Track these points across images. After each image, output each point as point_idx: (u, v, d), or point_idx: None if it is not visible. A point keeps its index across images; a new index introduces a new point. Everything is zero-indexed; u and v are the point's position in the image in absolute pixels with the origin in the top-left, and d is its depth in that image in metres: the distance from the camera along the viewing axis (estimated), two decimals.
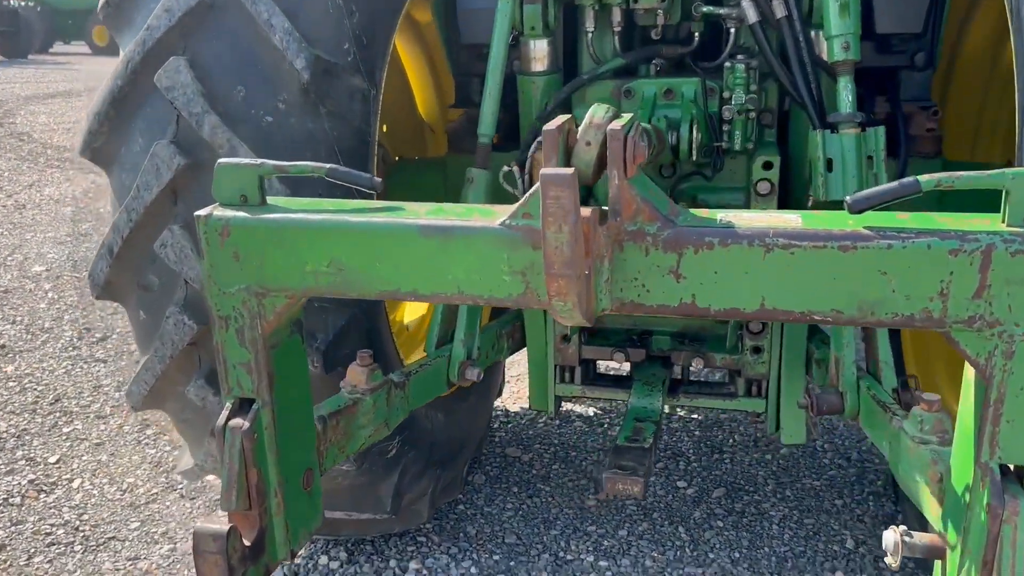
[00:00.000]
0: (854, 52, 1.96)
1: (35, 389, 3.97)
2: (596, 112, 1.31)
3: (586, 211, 1.19)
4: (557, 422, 3.66)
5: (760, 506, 3.01)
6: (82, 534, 2.88)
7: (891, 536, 1.43)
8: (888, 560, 1.45)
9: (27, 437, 3.53)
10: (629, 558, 2.74)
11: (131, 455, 3.39)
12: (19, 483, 3.17)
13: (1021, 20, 1.64)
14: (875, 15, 2.24)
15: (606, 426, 3.62)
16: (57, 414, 3.73)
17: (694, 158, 2.17)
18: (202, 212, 1.40)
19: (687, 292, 1.24)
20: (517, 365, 4.17)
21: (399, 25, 2.22)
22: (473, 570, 2.69)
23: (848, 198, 1.17)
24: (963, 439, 1.29)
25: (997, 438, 1.18)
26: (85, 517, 2.98)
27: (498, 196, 2.29)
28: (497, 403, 3.70)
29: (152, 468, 3.30)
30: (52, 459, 3.35)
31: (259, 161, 1.41)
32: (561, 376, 2.57)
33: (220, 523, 1.43)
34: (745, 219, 1.24)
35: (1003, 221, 1.14)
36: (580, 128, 1.31)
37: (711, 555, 2.74)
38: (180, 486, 3.16)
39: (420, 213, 1.36)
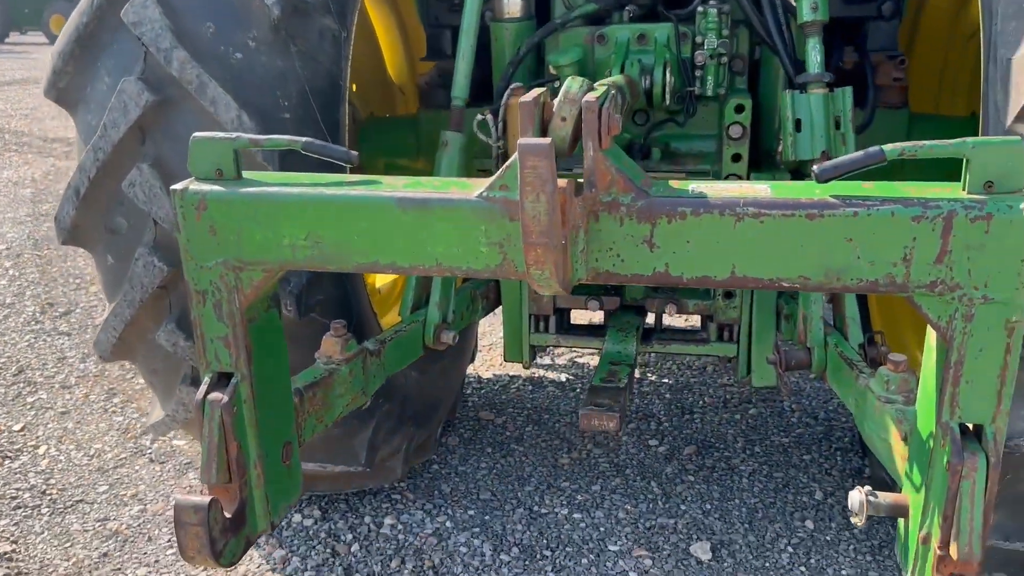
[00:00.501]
0: (822, 13, 1.98)
1: None
2: (571, 86, 1.32)
3: (562, 182, 1.20)
4: (530, 387, 3.67)
5: (730, 462, 3.04)
6: (49, 497, 2.83)
7: (856, 496, 1.45)
8: (854, 520, 1.47)
9: None
10: (603, 511, 2.75)
11: (98, 423, 3.34)
12: None
13: None
14: None
15: (578, 391, 3.63)
16: (21, 384, 3.66)
17: (667, 103, 2.19)
18: (178, 186, 1.39)
19: (660, 261, 1.26)
20: (489, 335, 4.18)
21: None
22: (448, 524, 2.69)
23: (815, 168, 1.19)
24: (925, 399, 1.32)
25: (957, 398, 1.22)
26: (52, 481, 2.92)
27: (471, 162, 2.29)
28: (470, 370, 3.70)
29: (120, 435, 3.24)
30: (16, 427, 3.29)
31: (234, 135, 1.40)
32: (536, 326, 2.57)
33: (201, 496, 1.42)
34: (716, 189, 1.26)
35: (964, 188, 1.17)
36: (556, 102, 1.30)
37: (683, 507, 2.77)
38: (149, 451, 3.12)
39: (397, 186, 1.36)
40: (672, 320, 3.19)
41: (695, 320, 3.40)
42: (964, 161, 1.16)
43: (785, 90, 2.04)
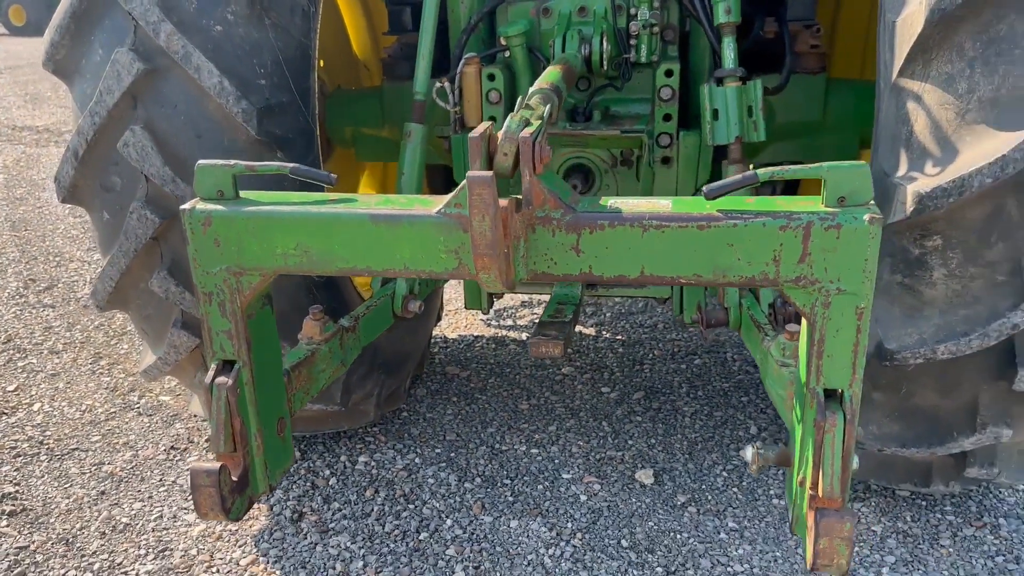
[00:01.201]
0: (735, 15, 2.26)
1: None
2: (510, 125, 1.55)
3: (504, 202, 1.44)
4: (493, 345, 3.93)
5: (675, 404, 3.33)
6: (46, 447, 3.05)
7: (750, 450, 1.74)
8: (750, 469, 1.76)
9: None
10: (558, 447, 3.03)
11: (86, 383, 3.55)
12: None
13: None
14: None
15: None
16: (11, 351, 3.86)
17: (605, 69, 2.45)
18: (186, 206, 1.61)
19: (585, 264, 1.51)
20: (455, 301, 4.43)
21: None
22: (417, 461, 2.95)
23: (704, 188, 1.45)
24: (803, 370, 1.59)
25: (821, 368, 1.47)
26: (48, 433, 3.14)
27: (433, 147, 2.52)
28: (437, 332, 3.95)
29: (108, 392, 3.46)
30: (10, 388, 3.49)
31: (232, 162, 1.63)
32: None
33: (212, 463, 1.67)
34: (629, 205, 1.51)
35: (822, 202, 1.42)
36: (499, 136, 1.52)
37: (630, 442, 3.05)
38: (137, 405, 3.34)
39: (371, 204, 1.60)
40: None
41: None
42: (822, 181, 1.41)
43: (704, 83, 2.32)
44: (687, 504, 2.69)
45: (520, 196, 1.50)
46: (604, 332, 4.07)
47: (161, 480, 2.84)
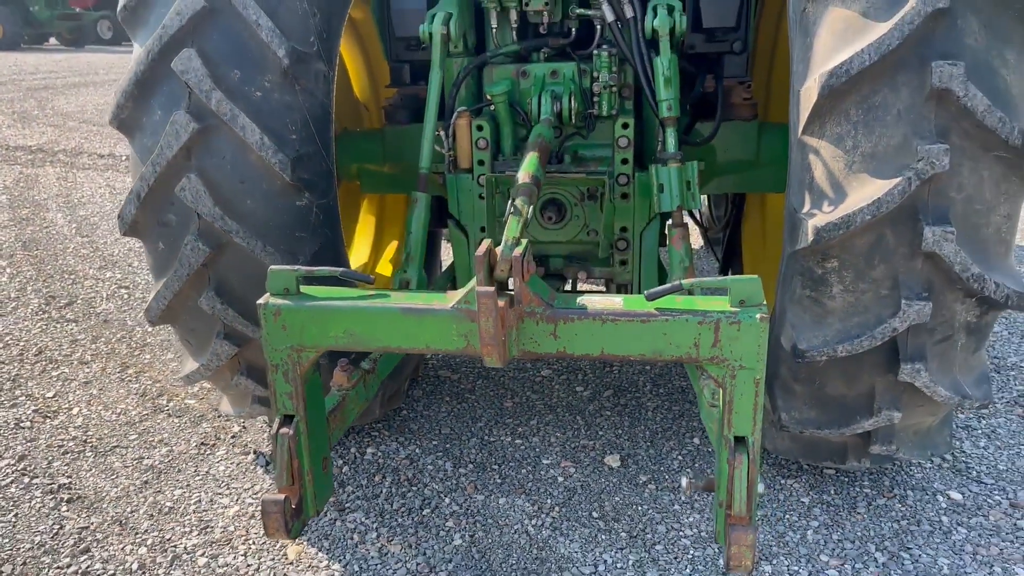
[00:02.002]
0: (675, 111, 2.78)
1: (17, 345, 4.49)
2: (505, 250, 2.01)
3: (502, 302, 1.95)
4: None
5: (639, 400, 3.83)
6: (90, 445, 3.48)
7: (684, 480, 2.23)
8: (684, 494, 2.28)
9: (20, 380, 4.07)
10: (538, 437, 3.51)
11: (117, 389, 3.98)
12: (25, 412, 3.74)
13: (795, 28, 2.44)
14: (702, 14, 3.05)
15: None
16: (44, 362, 4.28)
17: (574, 121, 2.95)
18: (261, 301, 2.11)
19: (560, 345, 2.04)
20: None
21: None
22: (417, 451, 3.42)
23: (644, 293, 1.97)
24: (720, 423, 2.07)
25: (731, 421, 1.99)
26: (90, 433, 3.57)
27: (430, 181, 3.01)
28: None
29: (139, 398, 3.90)
30: (49, 394, 3.92)
31: (295, 268, 2.14)
32: None
33: (278, 495, 2.17)
34: (592, 302, 2.04)
35: (730, 304, 1.95)
36: (499, 251, 2.00)
37: (600, 432, 3.54)
38: (167, 408, 3.78)
39: (401, 299, 2.10)
40: (583, 284, 3.98)
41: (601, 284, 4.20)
42: (728, 289, 1.95)
43: (651, 164, 2.83)
44: (648, 483, 3.19)
45: (513, 296, 2.01)
46: None
47: (196, 471, 3.29)
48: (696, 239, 6.21)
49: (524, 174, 2.45)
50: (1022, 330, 4.66)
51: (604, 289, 3.36)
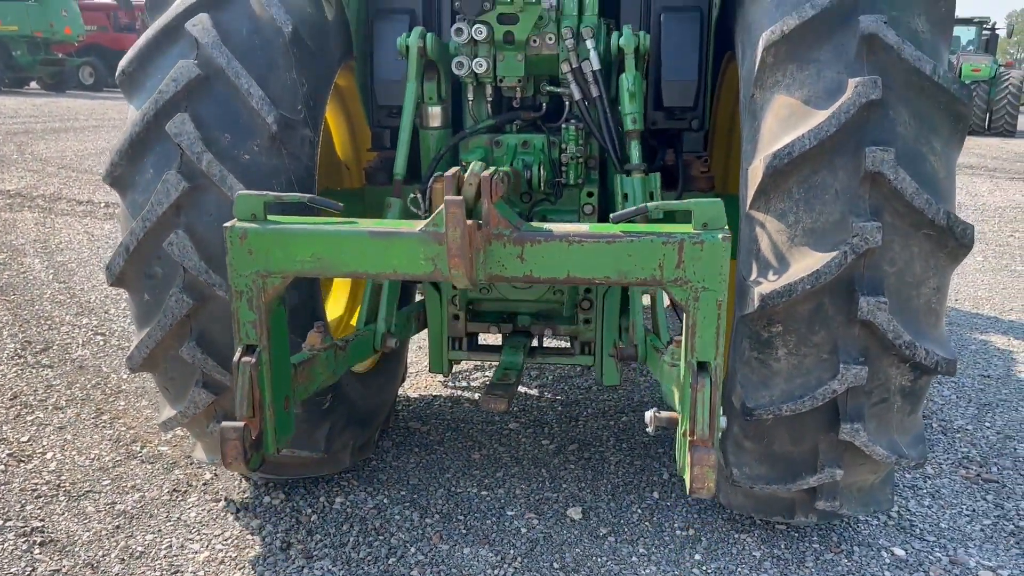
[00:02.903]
0: (639, 124, 2.99)
1: None
2: (474, 167, 2.16)
3: (470, 222, 2.02)
4: (450, 404, 4.53)
5: (603, 454, 3.96)
6: (63, 489, 3.54)
7: (648, 414, 2.38)
8: (648, 429, 2.40)
9: None
10: (503, 489, 3.63)
11: (91, 435, 4.05)
12: None
13: (745, 112, 2.67)
14: (663, 94, 3.29)
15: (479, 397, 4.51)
16: (18, 407, 4.33)
17: (543, 189, 3.15)
18: (227, 224, 2.17)
19: (527, 268, 2.10)
20: (416, 364, 5.04)
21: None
22: (385, 501, 3.52)
23: (611, 216, 2.10)
24: (683, 351, 2.21)
25: (694, 346, 2.07)
26: (63, 477, 3.64)
27: (407, 215, 3.19)
28: (400, 391, 4.54)
29: (113, 444, 3.96)
30: (24, 439, 3.98)
31: (264, 192, 2.22)
32: (452, 345, 3.46)
33: (237, 423, 2.21)
34: (558, 227, 2.13)
35: (693, 227, 2.05)
36: (466, 175, 2.12)
37: (564, 485, 3.67)
38: (140, 454, 3.86)
39: (369, 224, 2.17)
40: (549, 341, 4.14)
41: (565, 341, 4.35)
42: (692, 212, 2.02)
43: (617, 174, 3.02)
44: (608, 535, 3.31)
45: (481, 220, 2.06)
46: (546, 393, 4.71)
47: (168, 517, 3.36)
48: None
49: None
50: (969, 395, 4.87)
51: (569, 346, 3.54)
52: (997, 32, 27.11)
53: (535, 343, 3.51)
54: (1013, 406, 4.73)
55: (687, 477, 2.09)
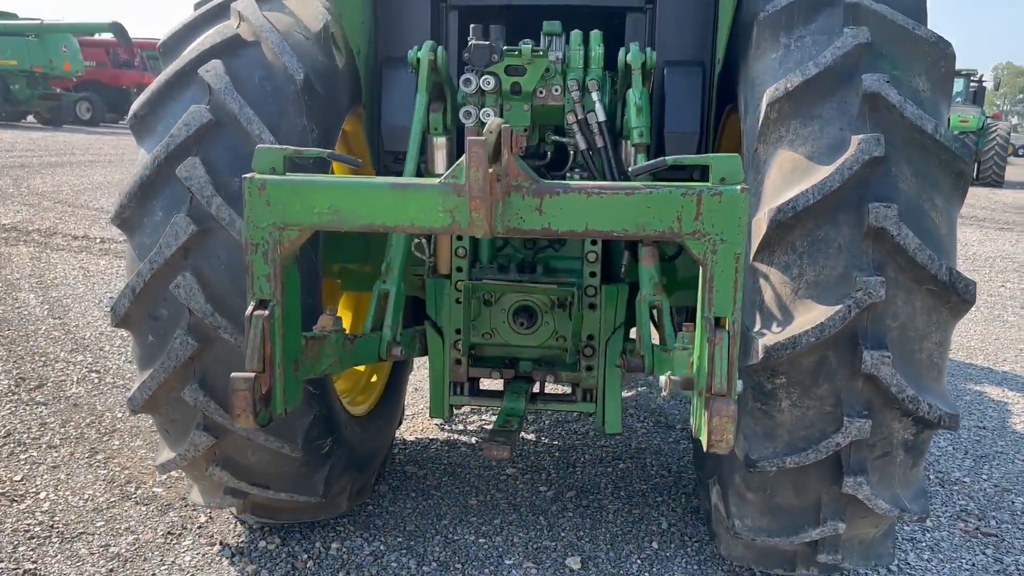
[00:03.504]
0: (646, 138, 3.03)
1: None
2: (495, 120, 2.08)
3: (490, 171, 1.95)
4: (447, 448, 4.51)
5: (601, 502, 3.94)
6: (56, 530, 3.49)
7: (663, 378, 2.35)
8: (664, 393, 2.35)
9: None
10: (501, 537, 3.60)
11: (85, 475, 4.01)
12: None
13: (748, 165, 2.71)
14: (665, 145, 3.34)
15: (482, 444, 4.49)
16: (12, 445, 4.29)
17: None
18: (247, 176, 2.14)
19: (545, 221, 2.03)
20: (412, 406, 5.02)
21: None
22: (382, 547, 3.48)
23: (629, 170, 2.07)
24: (700, 306, 2.11)
25: (711, 301, 2.01)
26: (56, 519, 3.59)
27: (408, 283, 3.17)
28: (396, 435, 4.52)
29: (107, 484, 3.92)
30: (16, 477, 3.93)
31: (283, 147, 2.19)
32: (454, 390, 3.45)
33: (249, 373, 2.13)
34: (577, 182, 2.09)
35: (711, 181, 2.02)
36: (486, 128, 2.02)
37: (562, 534, 3.64)
38: (134, 495, 3.82)
39: (388, 178, 2.14)
40: (551, 387, 4.13)
41: (567, 387, 4.35)
42: (710, 167, 2.01)
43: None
44: None
45: (500, 172, 2.01)
46: (543, 437, 4.69)
47: (162, 560, 3.32)
48: None
49: None
50: (966, 446, 4.88)
51: (570, 393, 3.54)
52: (984, 84, 27.65)
53: (536, 389, 3.51)
54: (1009, 458, 4.74)
55: (704, 433, 2.02)
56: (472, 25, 3.14)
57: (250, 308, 2.16)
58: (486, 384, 3.64)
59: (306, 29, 3.07)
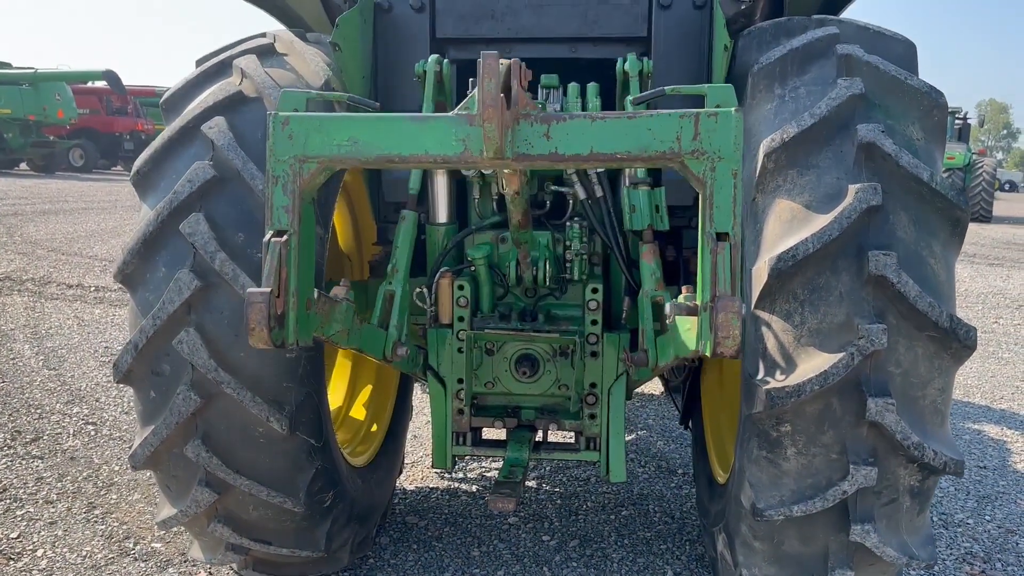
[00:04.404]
0: (644, 176, 3.04)
1: None
2: (502, 59, 2.11)
3: (501, 95, 1.99)
4: (447, 496, 4.47)
5: (605, 551, 3.91)
6: None
7: (668, 306, 2.37)
8: (668, 321, 2.37)
9: None
10: None
11: (83, 531, 3.96)
12: None
13: (747, 214, 2.73)
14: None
15: (485, 498, 4.45)
16: (8, 501, 4.24)
17: (548, 284, 3.19)
18: (271, 112, 2.20)
19: (552, 146, 2.09)
20: (410, 454, 4.99)
21: None
22: None
23: (631, 99, 2.18)
24: (702, 224, 2.12)
25: (712, 217, 2.05)
26: None
27: (411, 333, 3.17)
28: (396, 484, 4.48)
29: (105, 540, 3.87)
30: (13, 535, 3.88)
31: (306, 90, 2.27)
32: (456, 440, 3.44)
33: (264, 288, 2.15)
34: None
35: (706, 107, 2.13)
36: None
37: None
38: (133, 551, 3.76)
39: (404, 114, 2.19)
40: (554, 436, 4.12)
41: (571, 435, 4.33)
42: (705, 96, 2.17)
43: (624, 187, 3.06)
44: None
45: (509, 102, 2.05)
46: (544, 484, 4.66)
47: None
48: (657, 388, 6.43)
49: None
50: (967, 487, 4.87)
51: (573, 442, 3.52)
52: (969, 121, 28.09)
53: (539, 437, 3.50)
54: (1012, 498, 4.73)
55: (709, 341, 2.04)
56: (471, 79, 3.19)
57: (267, 236, 2.20)
58: (488, 433, 3.63)
59: (308, 85, 3.11)
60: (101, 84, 33.65)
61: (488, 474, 4.78)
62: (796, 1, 3.88)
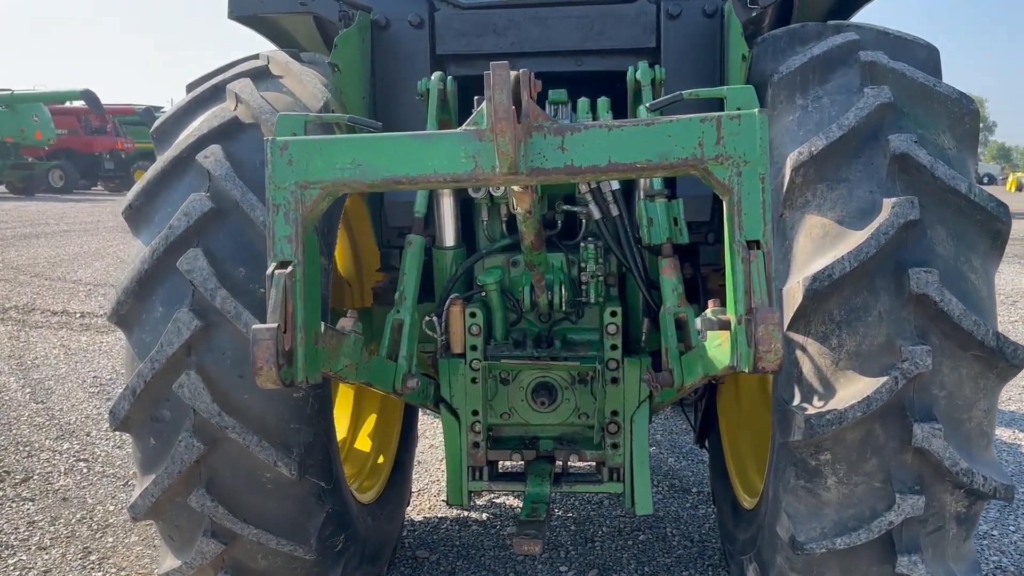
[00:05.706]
0: (660, 186, 2.89)
1: None
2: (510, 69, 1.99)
3: (512, 110, 1.87)
4: (457, 527, 4.32)
5: None
6: None
7: (699, 321, 2.26)
8: (698, 338, 2.25)
9: None
10: None
11: None
12: None
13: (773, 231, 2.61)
14: (678, 182, 3.23)
15: (498, 527, 4.31)
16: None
17: (563, 308, 3.05)
18: (269, 138, 2.07)
19: (568, 158, 1.96)
20: (418, 481, 4.83)
21: None
22: None
23: (647, 104, 2.08)
24: (729, 233, 2.00)
25: (741, 224, 1.93)
26: None
27: (420, 362, 3.02)
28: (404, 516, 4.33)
29: None
30: None
31: (305, 113, 2.13)
32: (472, 475, 3.28)
33: (270, 324, 2.00)
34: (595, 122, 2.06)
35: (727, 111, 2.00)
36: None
37: None
38: None
39: (408, 133, 2.07)
40: (575, 466, 3.96)
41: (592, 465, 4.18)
42: (724, 99, 2.06)
43: (640, 200, 2.92)
44: None
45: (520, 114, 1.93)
46: (558, 510, 4.51)
47: None
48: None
49: None
50: None
51: (596, 472, 3.38)
52: None
53: (559, 469, 3.34)
54: None
55: (747, 355, 1.91)
56: (476, 97, 3.05)
57: (271, 268, 2.07)
58: (505, 466, 3.48)
59: (306, 108, 2.96)
60: (79, 104, 33.30)
61: (497, 500, 4.62)
62: (806, 6, 3.77)
